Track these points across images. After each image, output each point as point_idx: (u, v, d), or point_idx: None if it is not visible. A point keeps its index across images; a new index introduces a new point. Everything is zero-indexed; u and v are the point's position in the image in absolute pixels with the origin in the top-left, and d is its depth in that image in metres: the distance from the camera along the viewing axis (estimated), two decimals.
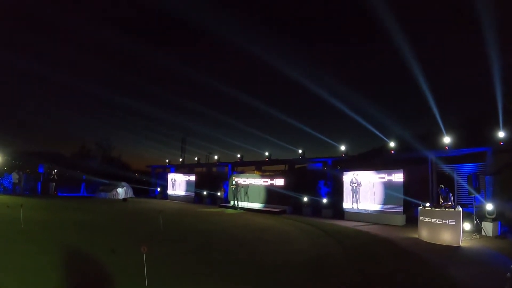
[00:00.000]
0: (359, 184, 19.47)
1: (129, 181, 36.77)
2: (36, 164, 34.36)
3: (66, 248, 10.04)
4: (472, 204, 15.07)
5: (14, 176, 30.33)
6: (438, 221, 12.53)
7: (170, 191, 34.64)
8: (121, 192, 33.23)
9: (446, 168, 18.68)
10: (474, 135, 19.46)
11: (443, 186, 13.89)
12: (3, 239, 10.77)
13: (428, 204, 13.75)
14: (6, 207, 18.10)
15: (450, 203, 13.26)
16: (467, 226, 14.07)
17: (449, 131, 18.66)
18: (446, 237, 12.21)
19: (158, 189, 36.33)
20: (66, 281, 6.92)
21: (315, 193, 23.16)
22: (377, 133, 23.35)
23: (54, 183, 32.77)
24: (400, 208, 17.42)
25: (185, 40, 79.61)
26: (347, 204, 19.89)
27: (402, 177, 17.71)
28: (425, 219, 13.12)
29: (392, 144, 21.03)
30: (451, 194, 13.53)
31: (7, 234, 11.50)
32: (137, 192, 36.57)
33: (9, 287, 6.48)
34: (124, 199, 30.94)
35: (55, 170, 33.28)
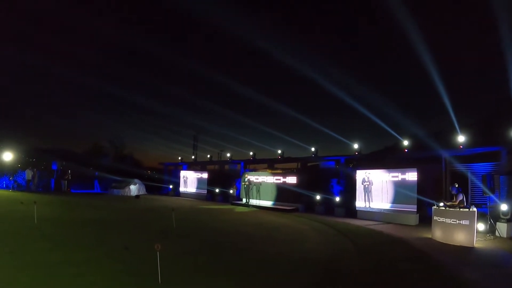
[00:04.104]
0: (371, 183, 19.41)
1: (142, 178, 37.04)
2: (50, 161, 34.71)
3: (79, 245, 10.16)
4: (486, 204, 14.91)
5: (28, 173, 30.67)
6: (452, 221, 12.45)
7: (182, 188, 34.90)
8: (133, 189, 33.55)
9: (460, 167, 18.51)
10: (488, 134, 19.30)
11: (456, 185, 13.79)
12: (17, 235, 10.90)
13: (442, 204, 13.65)
14: (20, 203, 18.31)
15: (457, 202, 13.15)
16: (481, 226, 13.95)
17: (463, 129, 18.51)
18: (460, 238, 12.15)
19: (170, 186, 36.61)
20: (79, 278, 7.00)
21: (328, 192, 23.15)
22: (391, 131, 23.26)
23: (66, 181, 33.10)
24: (413, 208, 17.34)
25: (198, 38, 79.87)
26: (360, 203, 19.87)
27: (416, 176, 17.61)
28: (438, 219, 13.06)
29: (405, 143, 20.92)
30: (461, 194, 13.38)
31: (21, 231, 11.63)
32: (150, 189, 36.91)
33: (22, 283, 6.56)
34: (137, 196, 31.14)
35: (70, 170, 33.60)
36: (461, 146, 17.87)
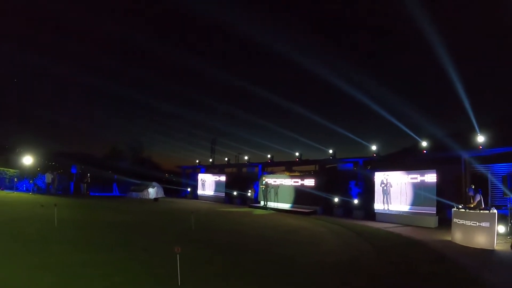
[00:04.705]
0: (390, 185, 19.28)
1: (160, 181, 37.42)
2: (69, 165, 35.41)
3: (99, 246, 10.38)
4: (507, 205, 14.69)
5: (48, 177, 31.26)
6: (472, 223, 12.29)
7: (200, 191, 35.13)
8: (152, 192, 33.87)
9: (480, 168, 18.30)
10: (509, 133, 19.01)
11: (473, 186, 13.62)
12: (38, 237, 11.10)
13: (461, 206, 13.50)
14: (40, 206, 18.67)
15: (475, 203, 12.98)
16: (501, 228, 13.72)
17: (482, 129, 18.29)
18: (480, 240, 12.00)
19: (188, 189, 36.87)
20: (100, 279, 7.16)
21: (346, 194, 23.07)
22: (409, 132, 23.09)
23: (86, 184, 33.66)
24: (432, 210, 17.19)
25: (215, 42, 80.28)
26: (378, 205, 19.77)
27: (435, 177, 17.44)
28: (458, 221, 12.90)
29: (424, 144, 20.77)
30: (479, 195, 13.19)
31: (42, 233, 11.81)
32: (168, 192, 37.25)
33: (46, 284, 6.71)
34: (155, 199, 31.53)
35: (89, 174, 34.15)
36: (481, 147, 17.68)
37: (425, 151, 20.71)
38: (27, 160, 32.31)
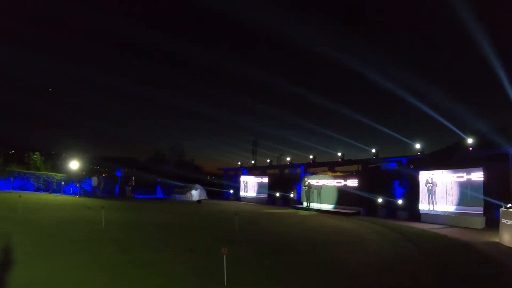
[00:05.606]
0: (435, 184, 18.92)
1: (202, 183, 38.31)
2: (114, 169, 36.94)
3: (146, 247, 10.88)
4: None
5: (94, 180, 32.76)
6: None
7: (242, 193, 35.69)
8: (195, 194, 34.84)
9: None
10: None
11: None
12: (86, 238, 11.66)
13: (509, 205, 13.11)
14: (87, 208, 19.42)
15: None
16: None
17: None
18: None
19: (231, 191, 37.39)
20: (147, 278, 7.49)
21: (390, 194, 22.83)
22: (453, 128, 22.54)
23: (130, 187, 34.76)
24: (479, 210, 16.75)
25: (255, 42, 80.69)
26: (423, 206, 19.45)
27: (482, 175, 16.98)
28: (506, 221, 12.56)
29: (469, 140, 20.23)
30: None
31: (90, 234, 12.39)
32: (210, 194, 38.11)
33: (93, 284, 6.99)
34: (198, 201, 32.31)
35: (133, 177, 35.27)
36: None
37: (471, 148, 20.18)
38: (74, 164, 33.84)
